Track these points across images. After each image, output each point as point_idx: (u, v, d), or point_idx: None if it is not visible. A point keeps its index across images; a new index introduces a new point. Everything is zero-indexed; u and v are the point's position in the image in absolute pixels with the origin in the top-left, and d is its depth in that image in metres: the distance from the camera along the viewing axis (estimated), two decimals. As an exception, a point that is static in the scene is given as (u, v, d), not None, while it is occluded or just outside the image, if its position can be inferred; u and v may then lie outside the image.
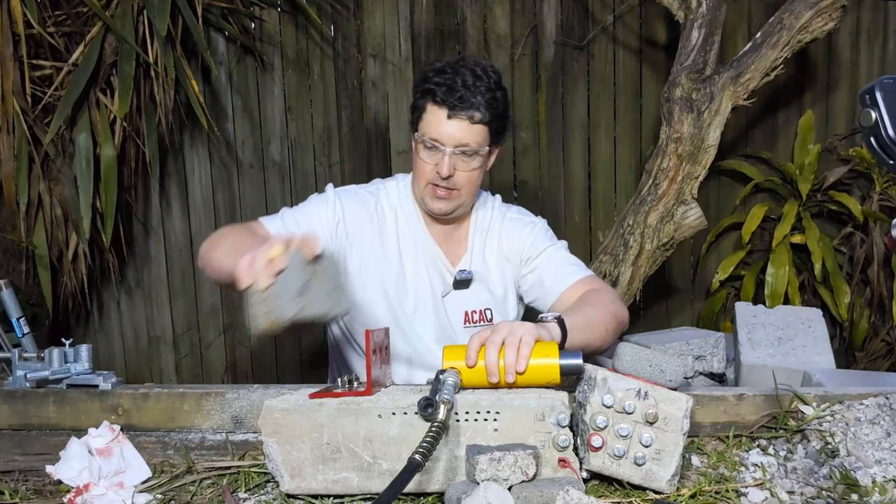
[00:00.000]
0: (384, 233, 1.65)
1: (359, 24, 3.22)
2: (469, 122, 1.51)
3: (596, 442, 1.08)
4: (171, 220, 3.29)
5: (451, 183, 1.55)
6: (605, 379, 1.09)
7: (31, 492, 1.16)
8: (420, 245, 1.65)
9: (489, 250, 1.69)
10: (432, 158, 1.54)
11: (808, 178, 3.16)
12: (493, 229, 1.70)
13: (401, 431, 1.08)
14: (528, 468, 1.01)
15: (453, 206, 1.59)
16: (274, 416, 1.09)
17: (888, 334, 3.11)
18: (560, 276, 1.62)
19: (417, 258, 1.65)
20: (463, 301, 1.69)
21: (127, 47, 2.67)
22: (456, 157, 1.53)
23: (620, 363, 1.13)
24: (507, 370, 1.12)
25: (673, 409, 1.07)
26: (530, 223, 1.71)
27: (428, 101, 1.53)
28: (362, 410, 1.09)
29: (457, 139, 1.51)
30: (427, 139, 1.53)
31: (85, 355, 1.35)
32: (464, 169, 1.54)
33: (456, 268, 1.67)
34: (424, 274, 1.65)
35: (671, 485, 1.07)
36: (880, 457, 1.15)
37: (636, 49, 3.28)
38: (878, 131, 0.90)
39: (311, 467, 1.08)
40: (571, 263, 1.65)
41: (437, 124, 1.52)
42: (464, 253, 1.68)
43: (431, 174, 1.55)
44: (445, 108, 1.51)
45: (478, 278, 1.68)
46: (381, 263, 1.64)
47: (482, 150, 1.55)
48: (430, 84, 1.52)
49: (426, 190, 1.58)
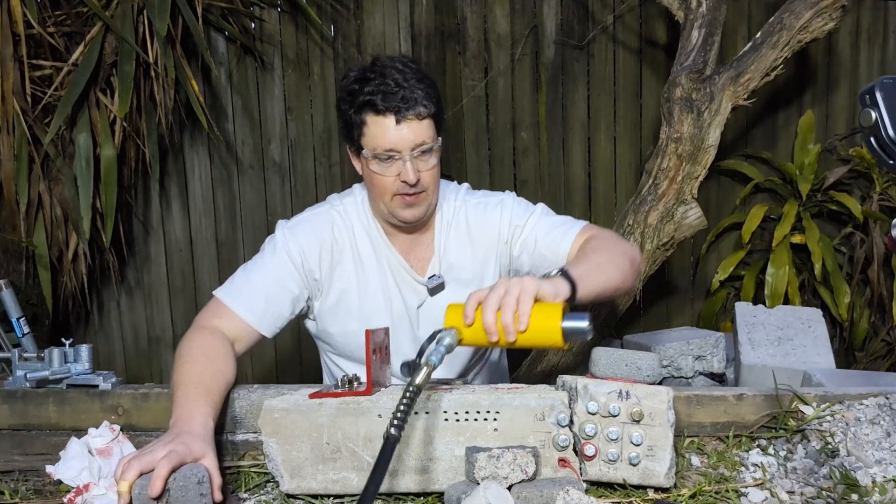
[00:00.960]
0: (345, 257, 1.57)
1: (359, 24, 3.22)
2: (417, 119, 1.44)
3: (589, 451, 1.08)
4: (171, 219, 3.29)
5: (419, 186, 1.48)
6: (585, 387, 1.09)
7: (31, 492, 1.16)
8: (385, 261, 1.58)
9: (459, 245, 1.60)
10: (390, 170, 1.46)
11: (808, 178, 3.16)
12: (459, 221, 1.61)
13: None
14: (528, 466, 1.01)
15: (424, 208, 1.52)
16: (274, 416, 1.09)
17: (888, 334, 3.10)
18: (556, 240, 1.53)
19: (385, 276, 1.58)
20: (440, 307, 1.60)
21: (127, 47, 2.67)
22: (416, 159, 1.46)
23: (597, 368, 1.13)
24: (505, 330, 1.08)
25: (656, 404, 1.08)
26: (498, 203, 1.61)
27: (367, 113, 1.44)
28: (362, 410, 1.09)
29: (412, 141, 1.44)
30: (380, 152, 1.45)
31: (85, 355, 1.35)
32: (426, 168, 1.47)
33: (425, 275, 1.60)
34: (395, 290, 1.58)
35: (669, 478, 1.07)
36: (880, 457, 1.15)
37: (636, 49, 3.28)
38: (878, 131, 0.90)
39: (311, 467, 1.08)
40: (560, 224, 1.56)
41: (386, 133, 1.44)
42: (431, 256, 1.60)
43: (395, 185, 1.47)
44: (391, 115, 1.43)
45: (451, 278, 1.60)
46: (353, 289, 1.57)
47: (436, 143, 1.48)
48: (364, 96, 1.43)
49: (393, 202, 1.50)
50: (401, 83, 1.43)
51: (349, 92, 1.47)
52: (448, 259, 1.60)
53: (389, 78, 1.43)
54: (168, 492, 0.97)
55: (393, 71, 1.44)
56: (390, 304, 1.59)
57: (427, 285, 1.59)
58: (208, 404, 1.17)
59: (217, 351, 1.33)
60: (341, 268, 1.57)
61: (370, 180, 1.51)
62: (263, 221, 3.30)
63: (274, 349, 3.35)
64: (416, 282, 1.60)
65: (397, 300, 1.59)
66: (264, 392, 1.30)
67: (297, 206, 3.28)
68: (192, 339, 1.35)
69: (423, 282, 1.59)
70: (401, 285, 1.59)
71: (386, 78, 1.43)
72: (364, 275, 1.57)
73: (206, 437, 1.09)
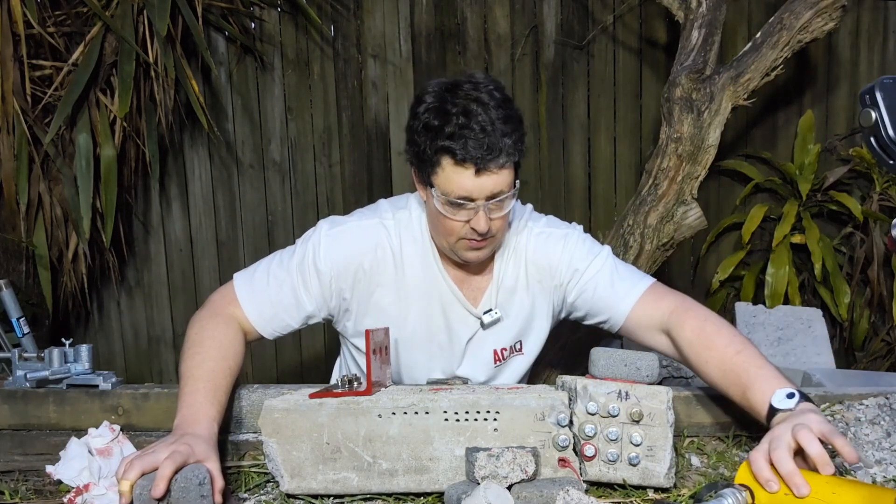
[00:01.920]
0: (386, 280, 1.44)
1: (359, 24, 3.22)
2: (499, 170, 1.30)
3: (589, 451, 1.08)
4: (171, 219, 3.29)
5: (489, 233, 1.36)
6: (584, 387, 1.09)
7: (31, 492, 1.16)
8: (434, 289, 1.45)
9: (516, 275, 1.49)
10: (460, 214, 1.34)
11: (808, 178, 3.16)
12: (520, 251, 1.48)
13: (401, 431, 1.08)
14: (528, 465, 1.01)
15: (490, 251, 1.42)
16: (274, 416, 1.09)
17: (888, 334, 3.11)
18: (618, 296, 1.41)
19: (431, 304, 1.46)
20: (491, 340, 1.50)
21: (127, 47, 2.67)
22: (489, 209, 1.33)
23: (596, 368, 1.13)
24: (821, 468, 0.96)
25: (655, 404, 1.08)
26: (562, 237, 1.47)
27: (444, 157, 1.30)
28: (362, 410, 1.09)
29: (489, 191, 1.31)
30: (453, 199, 1.32)
31: (85, 355, 1.35)
32: (498, 216, 1.35)
33: (479, 307, 1.48)
34: (441, 321, 1.46)
35: (669, 478, 1.08)
36: (880, 457, 1.15)
37: (636, 49, 3.28)
38: (878, 131, 0.90)
39: (311, 467, 1.08)
40: (626, 277, 1.43)
41: (463, 183, 1.30)
42: (487, 286, 1.48)
43: (464, 230, 1.35)
44: (471, 166, 1.28)
45: (506, 313, 1.48)
46: (391, 316, 1.45)
47: (514, 191, 1.36)
48: (443, 140, 1.28)
49: (459, 244, 1.38)
50: (486, 129, 1.27)
51: (426, 126, 1.32)
52: (506, 290, 1.49)
53: (474, 120, 1.28)
54: (169, 492, 0.97)
55: (478, 108, 1.29)
56: (433, 335, 1.48)
57: (483, 319, 1.48)
58: (214, 406, 1.17)
59: (230, 344, 1.30)
60: (381, 291, 1.45)
61: (436, 219, 1.38)
62: (263, 221, 3.30)
63: (274, 349, 3.35)
64: (470, 314, 1.48)
65: (442, 332, 1.48)
66: (264, 392, 1.30)
67: (296, 206, 3.28)
68: (205, 325, 1.32)
69: (478, 314, 1.48)
70: (449, 316, 1.48)
71: (470, 119, 1.28)
72: (406, 301, 1.46)
73: (209, 441, 1.09)
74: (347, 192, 3.28)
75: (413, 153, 1.37)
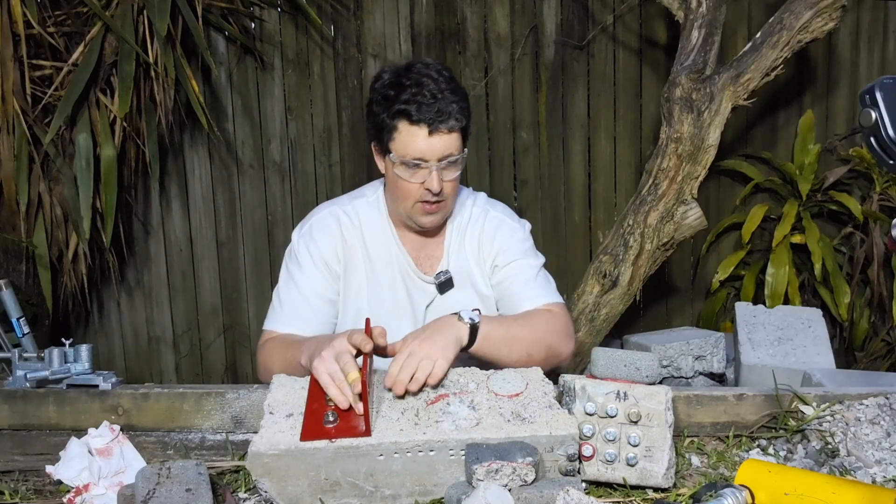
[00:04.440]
0: (356, 255, 1.60)
1: (359, 24, 3.22)
2: (448, 132, 1.47)
3: (587, 451, 1.08)
4: (171, 219, 3.29)
5: (441, 195, 1.51)
6: (583, 387, 1.09)
7: (31, 492, 1.16)
8: (395, 262, 1.61)
9: (469, 248, 1.63)
10: (416, 177, 1.49)
11: (808, 178, 3.16)
12: (475, 226, 1.64)
13: (404, 467, 1.06)
14: (527, 476, 1.00)
15: (442, 216, 1.57)
16: (264, 461, 1.03)
17: (888, 334, 3.11)
18: (523, 297, 1.56)
19: (394, 277, 1.60)
20: (449, 307, 1.58)
21: (127, 47, 2.67)
22: (442, 169, 1.49)
23: (596, 368, 1.13)
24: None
25: (654, 404, 1.08)
26: (511, 227, 1.65)
27: (400, 120, 1.46)
28: (362, 453, 1.04)
29: (440, 152, 1.47)
30: (409, 159, 1.47)
31: (85, 355, 1.35)
32: (449, 178, 1.51)
33: (433, 274, 1.62)
34: (403, 291, 1.61)
35: (667, 479, 1.07)
36: (880, 457, 1.15)
37: (636, 49, 3.28)
38: (878, 131, 0.90)
39: (310, 497, 1.05)
40: (540, 286, 1.59)
41: (417, 143, 1.46)
42: (440, 257, 1.63)
43: (419, 192, 1.50)
44: (425, 126, 1.45)
45: (461, 278, 1.62)
46: (363, 290, 1.60)
47: (462, 155, 1.52)
48: (399, 104, 1.45)
49: (415, 209, 1.53)
50: (437, 95, 1.45)
51: (384, 96, 1.48)
52: (459, 259, 1.63)
53: (426, 88, 1.45)
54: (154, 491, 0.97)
55: (429, 81, 1.46)
56: (398, 305, 1.60)
57: (434, 282, 1.61)
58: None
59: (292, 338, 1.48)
60: (353, 265, 1.60)
61: (394, 184, 1.53)
62: (263, 221, 3.30)
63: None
64: (424, 281, 1.62)
65: (405, 301, 1.61)
66: (264, 392, 1.30)
67: (297, 206, 3.28)
68: (267, 354, 1.49)
69: (431, 280, 1.61)
70: (409, 285, 1.61)
71: (422, 88, 1.45)
72: (374, 275, 1.60)
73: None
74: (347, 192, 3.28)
75: (372, 125, 1.53)
